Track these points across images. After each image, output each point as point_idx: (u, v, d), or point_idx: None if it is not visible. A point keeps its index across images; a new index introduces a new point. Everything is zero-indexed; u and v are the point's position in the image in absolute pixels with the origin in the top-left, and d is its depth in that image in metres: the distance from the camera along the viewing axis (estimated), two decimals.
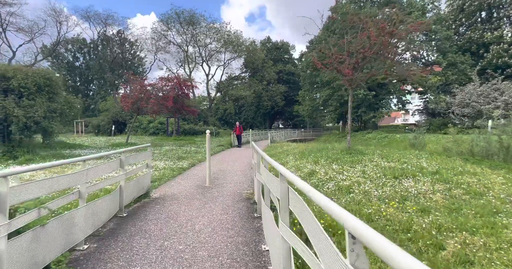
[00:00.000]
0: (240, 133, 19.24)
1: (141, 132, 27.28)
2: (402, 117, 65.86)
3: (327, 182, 5.50)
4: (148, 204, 5.18)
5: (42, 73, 10.07)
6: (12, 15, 32.74)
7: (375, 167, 6.22)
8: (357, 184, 5.06)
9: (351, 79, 8.14)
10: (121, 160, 4.57)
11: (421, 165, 6.31)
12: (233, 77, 47.32)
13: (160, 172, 8.39)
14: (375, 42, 7.44)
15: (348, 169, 6.21)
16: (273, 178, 2.68)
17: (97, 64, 52.46)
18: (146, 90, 16.39)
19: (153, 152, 13.36)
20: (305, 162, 7.79)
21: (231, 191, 6.15)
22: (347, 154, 8.07)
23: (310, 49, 41.11)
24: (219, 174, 8.44)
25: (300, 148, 11.81)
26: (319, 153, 8.84)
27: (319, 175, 6.13)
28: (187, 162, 10.43)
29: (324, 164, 7.13)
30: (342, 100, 27.59)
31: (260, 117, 50.06)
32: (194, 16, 41.49)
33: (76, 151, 12.89)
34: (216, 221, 4.23)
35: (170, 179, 7.62)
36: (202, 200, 5.45)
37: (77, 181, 3.23)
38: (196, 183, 7.09)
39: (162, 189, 6.42)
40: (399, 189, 4.71)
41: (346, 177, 5.57)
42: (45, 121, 9.56)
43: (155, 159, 11.08)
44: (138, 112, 17.11)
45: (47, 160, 9.45)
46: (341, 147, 9.61)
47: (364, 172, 5.83)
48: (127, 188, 4.79)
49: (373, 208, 4.00)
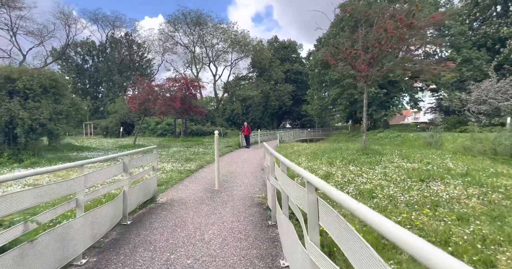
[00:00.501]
0: (248, 133, 18.89)
1: (149, 134, 27.20)
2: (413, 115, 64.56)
3: (346, 186, 5.08)
4: (154, 210, 4.85)
5: (48, 74, 9.91)
6: (22, 19, 33.18)
7: (396, 169, 5.77)
8: (380, 188, 4.62)
9: (367, 75, 7.69)
10: (124, 164, 4.25)
11: (447, 166, 5.82)
12: (240, 77, 47.06)
13: (168, 174, 8.09)
14: (393, 35, 6.99)
15: (368, 171, 5.77)
16: (293, 184, 2.30)
17: (105, 66, 52.92)
18: (153, 91, 16.19)
19: (161, 154, 13.12)
20: (318, 163, 7.37)
21: (242, 195, 5.79)
22: (363, 154, 7.62)
23: (318, 48, 40.53)
24: (228, 177, 8.09)
25: (311, 148, 11.37)
26: (333, 154, 8.40)
27: (335, 177, 5.71)
28: (195, 164, 10.13)
29: (340, 165, 6.70)
30: (352, 98, 26.98)
31: (267, 117, 49.65)
32: (201, 16, 41.41)
33: (83, 153, 12.73)
34: (227, 230, 3.87)
35: (178, 182, 7.31)
36: (211, 205, 5.10)
37: (74, 188, 2.91)
38: (204, 187, 6.75)
39: (169, 193, 6.10)
40: (428, 193, 4.26)
41: (367, 180, 5.13)
42: (51, 123, 9.39)
43: (162, 161, 10.81)
44: (145, 113, 16.92)
45: (53, 163, 9.26)
46: (356, 147, 9.15)
47: (385, 174, 5.39)
48: (131, 194, 4.47)
49: (403, 215, 3.57)
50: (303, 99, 45.57)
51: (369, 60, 7.62)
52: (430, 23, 7.86)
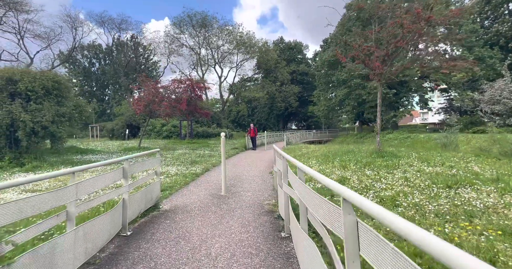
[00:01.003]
0: (254, 135, 18.53)
1: (155, 136, 27.03)
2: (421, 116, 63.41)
3: (364, 192, 4.67)
4: (157, 219, 4.50)
5: (51, 76, 9.69)
6: (29, 22, 33.44)
7: (418, 173, 5.33)
8: (403, 195, 4.20)
9: (381, 73, 7.27)
10: (124, 169, 3.91)
11: (473, 170, 5.37)
12: (246, 78, 46.79)
13: (172, 179, 7.76)
14: (410, 30, 6.57)
15: (386, 176, 5.34)
16: (317, 198, 1.92)
17: (111, 69, 53.21)
18: (158, 93, 15.95)
19: (166, 157, 12.83)
20: (331, 167, 6.95)
21: (251, 202, 5.41)
22: (378, 157, 7.18)
23: (324, 48, 40.07)
24: (235, 181, 7.73)
25: (321, 150, 10.94)
26: (345, 156, 7.97)
27: (351, 183, 5.29)
28: (200, 167, 9.79)
29: (354, 169, 6.28)
30: (360, 99, 26.44)
31: (273, 119, 49.23)
32: (206, 18, 41.32)
33: (87, 156, 12.51)
34: (236, 243, 3.49)
35: (183, 187, 6.96)
36: (218, 213, 4.74)
37: (64, 199, 2.56)
38: (210, 192, 6.39)
39: (174, 199, 5.75)
40: (459, 201, 3.83)
41: (387, 186, 4.71)
42: (53, 126, 9.15)
43: (167, 164, 10.51)
44: (150, 115, 16.68)
45: (55, 166, 9.01)
46: (369, 150, 8.70)
47: (407, 180, 4.96)
48: (132, 202, 4.13)
49: (435, 228, 3.15)
50: (309, 100, 45.10)
51: (383, 57, 7.20)
52: (449, 18, 7.42)
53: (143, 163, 4.74)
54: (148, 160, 4.95)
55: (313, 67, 49.63)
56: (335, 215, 1.50)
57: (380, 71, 7.24)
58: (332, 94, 31.71)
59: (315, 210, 1.97)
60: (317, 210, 1.91)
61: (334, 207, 1.52)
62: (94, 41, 53.84)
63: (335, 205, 1.51)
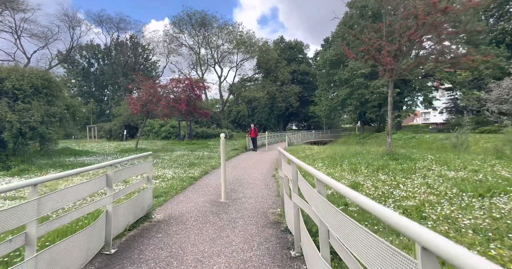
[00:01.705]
0: (255, 136, 17.98)
1: (153, 137, 26.48)
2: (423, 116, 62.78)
3: (381, 200, 4.12)
4: (148, 232, 3.95)
5: (40, 73, 9.14)
6: (26, 21, 32.94)
7: (440, 178, 4.80)
8: (429, 205, 3.66)
9: (392, 69, 6.73)
10: (107, 177, 3.37)
11: (501, 175, 4.83)
12: (246, 78, 46.27)
13: (168, 183, 7.22)
14: (425, 21, 6.03)
15: (404, 182, 4.80)
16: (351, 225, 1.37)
17: (110, 69, 52.71)
18: (156, 92, 15.41)
19: (163, 159, 12.30)
20: (340, 170, 6.41)
21: (253, 210, 4.87)
22: (391, 160, 6.64)
23: (325, 48, 39.54)
24: (236, 185, 7.19)
25: (326, 152, 10.39)
26: (354, 159, 7.42)
27: (365, 189, 4.75)
28: (199, 170, 9.26)
29: (366, 173, 5.74)
30: (362, 98, 25.92)
31: (273, 119, 48.70)
32: (206, 17, 40.82)
33: (81, 158, 11.97)
34: (238, 264, 2.95)
35: (179, 192, 6.42)
36: (217, 224, 4.19)
37: (21, 219, 2.02)
38: (209, 198, 5.85)
39: (168, 207, 5.21)
40: (497, 214, 3.29)
41: (407, 194, 4.17)
42: (43, 127, 8.60)
43: (163, 166, 9.97)
44: (148, 116, 16.14)
45: (44, 170, 8.47)
46: (379, 151, 8.16)
47: (429, 186, 4.42)
48: (117, 213, 3.59)
49: (477, 249, 2.61)
50: (310, 100, 44.59)
51: (395, 52, 6.67)
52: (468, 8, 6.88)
53: (132, 168, 4.19)
54: (138, 165, 4.41)
55: (314, 67, 49.13)
56: (395, 261, 0.95)
57: (391, 67, 6.72)
58: (334, 94, 31.19)
59: (346, 240, 1.43)
60: (346, 235, 1.38)
61: (395, 253, 0.97)
62: (92, 41, 53.35)
63: (398, 250, 0.96)
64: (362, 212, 3.83)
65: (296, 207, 3.16)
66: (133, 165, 4.24)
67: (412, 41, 6.41)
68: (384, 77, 7.00)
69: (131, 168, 4.13)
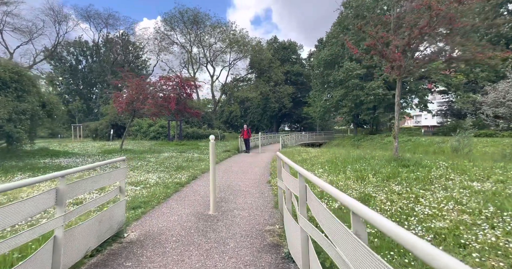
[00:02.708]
0: (248, 137, 17.22)
1: (141, 137, 25.42)
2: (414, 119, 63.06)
3: (402, 219, 3.42)
4: (114, 259, 3.15)
5: (9, 66, 8.17)
6: (8, 15, 31.44)
7: (465, 191, 4.14)
8: (466, 228, 2.97)
9: (400, 66, 6.08)
10: (58, 191, 2.56)
11: None
12: (239, 78, 45.50)
13: (150, 190, 6.39)
14: (440, 12, 5.42)
15: (424, 195, 4.11)
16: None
17: (99, 66, 51.17)
18: (143, 89, 14.48)
19: (148, 161, 11.43)
20: (344, 178, 5.71)
21: (247, 227, 4.11)
22: (400, 166, 5.97)
23: (319, 48, 39.08)
24: (227, 192, 6.42)
25: (325, 156, 9.70)
26: (357, 164, 6.74)
27: (378, 203, 4.05)
28: (187, 174, 8.45)
29: (375, 182, 5.05)
30: (357, 100, 25.46)
31: (266, 120, 48.01)
32: (198, 15, 39.95)
33: (58, 160, 10.98)
34: None
35: (161, 202, 5.61)
36: (202, 247, 3.42)
37: None
38: (195, 209, 5.07)
39: (146, 222, 4.40)
40: None
41: (433, 211, 3.48)
42: (10, 125, 7.63)
43: (147, 170, 9.12)
44: (134, 114, 15.19)
45: (10, 173, 7.52)
46: (386, 157, 7.50)
47: (457, 202, 3.74)
48: (72, 238, 2.78)
49: None
50: (304, 102, 44.14)
51: (404, 47, 6.04)
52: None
53: (98, 177, 3.37)
54: (107, 173, 3.58)
55: (307, 68, 48.73)
56: None
57: (400, 63, 6.07)
58: (328, 95, 30.69)
59: None
60: None
61: None
62: (80, 37, 51.72)
63: None
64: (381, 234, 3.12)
65: (305, 234, 2.42)
66: (100, 174, 3.42)
67: (424, 35, 5.80)
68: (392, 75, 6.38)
69: (96, 177, 3.31)
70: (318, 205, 2.07)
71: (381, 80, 23.04)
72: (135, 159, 11.97)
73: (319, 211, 2.04)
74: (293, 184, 2.83)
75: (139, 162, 11.03)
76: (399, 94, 6.76)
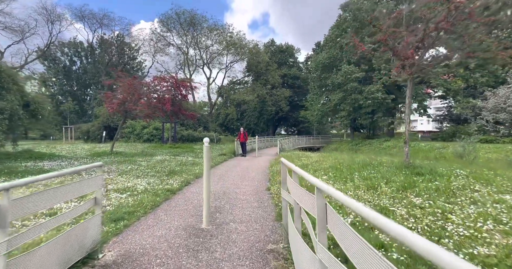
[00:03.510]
0: (245, 140, 16.64)
1: (134, 139, 24.66)
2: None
3: (433, 241, 2.85)
4: None
5: None
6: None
7: (500, 206, 3.59)
8: None
9: (413, 64, 5.58)
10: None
11: None
12: (235, 81, 45.00)
13: (137, 198, 5.77)
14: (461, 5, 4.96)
15: (451, 209, 3.55)
16: None
17: (93, 67, 50.33)
18: (135, 90, 13.82)
19: (139, 164, 10.78)
20: (352, 187, 5.14)
21: (245, 245, 3.51)
22: (413, 174, 5.43)
23: (317, 52, 38.80)
24: (223, 201, 5.82)
25: (328, 161, 9.14)
26: (365, 171, 6.19)
27: (399, 218, 3.48)
28: (179, 180, 7.84)
29: (390, 193, 4.49)
30: (356, 104, 25.06)
31: (263, 123, 47.43)
32: (195, 17, 39.47)
33: (41, 163, 10.28)
34: None
35: (148, 212, 4.99)
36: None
37: None
38: (186, 222, 4.46)
39: (127, 238, 3.78)
40: None
41: (469, 231, 2.92)
42: None
43: (137, 175, 8.48)
44: (125, 115, 14.50)
45: None
46: (395, 163, 6.96)
47: (496, 220, 3.18)
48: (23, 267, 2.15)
49: None
50: (301, 105, 43.76)
51: (418, 44, 5.55)
52: None
53: (64, 189, 2.74)
54: (77, 183, 2.96)
55: (304, 72, 48.47)
56: None
57: (412, 62, 5.58)
58: (326, 98, 30.29)
59: None
60: None
61: None
62: (75, 38, 50.88)
63: None
64: None
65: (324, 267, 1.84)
66: (64, 185, 2.80)
67: (440, 31, 5.33)
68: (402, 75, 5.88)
69: (61, 189, 2.69)
70: (347, 232, 1.49)
71: (380, 84, 22.69)
72: (125, 162, 11.31)
73: (351, 243, 1.46)
74: (306, 200, 2.25)
75: (129, 166, 10.37)
76: (410, 95, 6.24)
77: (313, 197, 2.00)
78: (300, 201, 2.50)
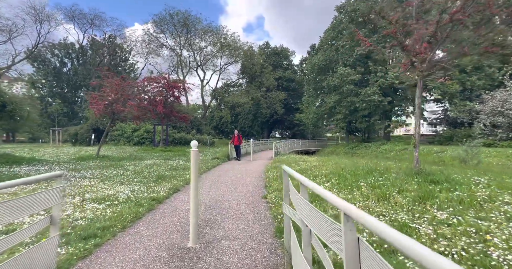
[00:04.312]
0: (239, 143, 16.00)
1: (124, 142, 23.80)
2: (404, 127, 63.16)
3: None
4: None
5: None
6: None
7: None
8: None
9: (424, 59, 5.08)
10: None
11: None
12: (230, 83, 44.41)
13: (117, 209, 5.09)
14: None
15: (488, 228, 2.97)
16: None
17: (84, 69, 49.25)
18: (123, 90, 13.10)
19: (126, 169, 10.07)
20: (360, 196, 4.56)
21: None
22: (427, 182, 4.87)
23: (312, 54, 38.51)
24: (214, 212, 5.17)
25: (328, 166, 8.56)
26: (371, 178, 5.62)
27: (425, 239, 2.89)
28: (167, 186, 7.18)
29: (406, 205, 3.91)
30: (352, 106, 24.68)
31: (257, 126, 46.86)
32: (189, 18, 38.88)
33: (18, 168, 9.50)
34: None
35: (127, 227, 4.32)
36: None
37: None
38: (170, 239, 3.81)
39: (96, 263, 3.12)
40: None
41: None
42: None
43: (122, 181, 7.78)
44: (113, 117, 13.75)
45: None
46: (403, 169, 6.42)
47: None
48: None
49: None
50: (296, 108, 43.37)
51: (429, 38, 5.06)
52: None
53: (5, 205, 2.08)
54: (24, 198, 2.30)
55: (299, 74, 48.20)
56: None
57: (424, 57, 5.08)
58: (321, 101, 29.90)
59: None
60: None
61: None
62: (66, 39, 49.77)
63: None
64: None
65: None
66: (7, 201, 2.14)
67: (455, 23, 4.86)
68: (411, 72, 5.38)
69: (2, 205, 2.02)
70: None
71: (377, 86, 22.33)
72: (110, 167, 10.57)
73: None
74: (323, 227, 1.63)
75: (114, 171, 9.64)
76: (420, 95, 5.72)
77: (337, 227, 1.40)
78: (312, 224, 1.89)
